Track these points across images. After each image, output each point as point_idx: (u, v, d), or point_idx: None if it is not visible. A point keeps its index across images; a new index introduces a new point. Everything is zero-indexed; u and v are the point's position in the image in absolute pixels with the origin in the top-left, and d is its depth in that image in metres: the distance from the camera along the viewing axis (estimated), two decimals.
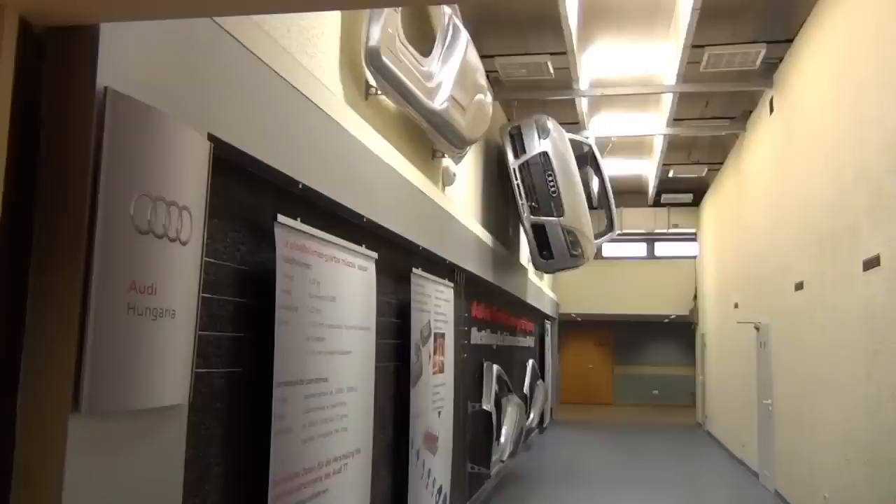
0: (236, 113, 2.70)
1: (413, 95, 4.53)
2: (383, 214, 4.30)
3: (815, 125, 7.06)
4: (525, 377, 11.52)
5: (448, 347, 5.95)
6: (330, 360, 3.50)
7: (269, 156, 2.92)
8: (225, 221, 2.82)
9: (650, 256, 18.87)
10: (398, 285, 4.99)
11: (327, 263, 3.52)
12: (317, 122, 3.40)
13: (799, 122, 7.66)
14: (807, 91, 7.33)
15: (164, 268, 2.15)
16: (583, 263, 8.95)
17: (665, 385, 21.60)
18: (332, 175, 3.56)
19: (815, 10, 7.01)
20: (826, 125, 6.72)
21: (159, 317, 2.13)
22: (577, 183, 8.67)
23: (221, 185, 2.75)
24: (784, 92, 8.18)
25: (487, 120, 6.35)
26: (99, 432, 1.99)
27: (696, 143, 11.88)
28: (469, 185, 7.69)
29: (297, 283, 3.16)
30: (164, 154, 2.18)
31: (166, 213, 2.15)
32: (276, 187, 3.18)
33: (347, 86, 4.09)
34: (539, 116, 8.49)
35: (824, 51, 6.76)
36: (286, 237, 3.11)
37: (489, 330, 8.56)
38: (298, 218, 3.26)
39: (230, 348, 2.82)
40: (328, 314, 3.49)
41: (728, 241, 12.40)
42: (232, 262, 2.86)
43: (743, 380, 10.82)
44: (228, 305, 2.82)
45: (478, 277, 7.42)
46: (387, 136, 4.60)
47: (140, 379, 2.08)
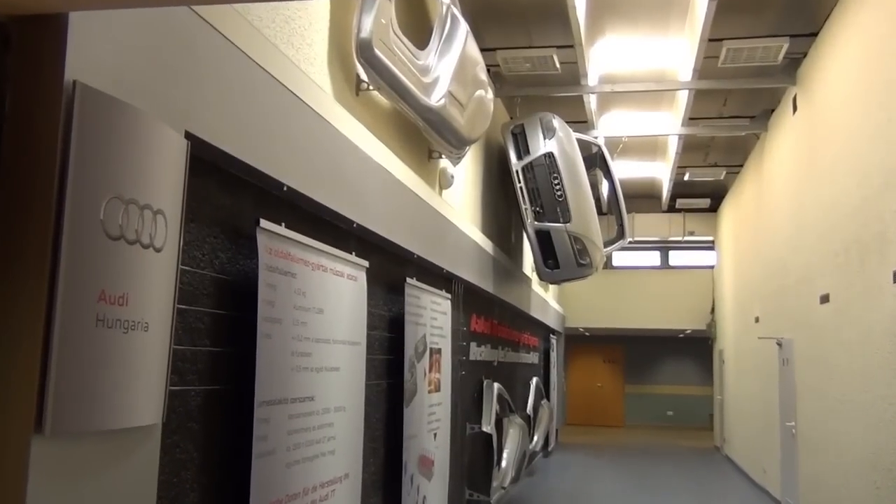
0: (216, 109, 2.70)
1: (408, 91, 4.54)
2: (375, 219, 4.30)
3: (842, 125, 7.09)
4: (528, 396, 11.50)
5: (445, 364, 5.94)
6: (316, 378, 3.49)
7: (252, 155, 2.92)
8: (203, 226, 2.82)
9: (664, 266, 18.89)
10: (391, 296, 4.98)
11: (314, 272, 3.52)
12: (303, 119, 3.40)
13: (824, 121, 7.69)
14: (833, 88, 7.36)
15: (137, 276, 2.15)
16: (591, 273, 8.95)
17: (680, 406, 21.58)
18: (319, 177, 3.56)
19: (841, 2, 7.04)
20: (853, 125, 6.75)
21: (131, 329, 2.12)
22: (585, 186, 8.68)
23: (199, 186, 2.75)
24: (808, 89, 8.21)
25: (488, 118, 6.36)
26: (64, 456, 1.98)
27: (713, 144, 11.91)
28: (468, 188, 7.70)
29: (280, 294, 3.16)
30: (138, 153, 2.18)
31: (139, 218, 2.15)
32: (258, 190, 3.18)
33: (337, 80, 4.10)
34: (544, 115, 8.51)
35: (852, 45, 6.79)
36: (269, 244, 3.10)
37: (489, 345, 8.56)
38: (283, 223, 3.26)
39: (208, 364, 2.81)
40: (315, 327, 3.48)
41: (748, 249, 12.42)
42: (210, 270, 2.86)
43: (764, 400, 10.82)
44: (206, 318, 2.81)
45: (477, 288, 7.42)
46: (379, 134, 4.60)
47: (109, 397, 2.07)
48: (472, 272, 7.06)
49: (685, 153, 11.58)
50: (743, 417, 13.06)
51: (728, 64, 8.11)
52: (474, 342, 7.75)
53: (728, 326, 14.90)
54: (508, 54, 8.05)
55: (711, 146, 12.04)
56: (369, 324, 4.35)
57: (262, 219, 3.07)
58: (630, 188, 13.71)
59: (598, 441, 17.83)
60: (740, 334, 13.24)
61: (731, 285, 14.48)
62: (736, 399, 13.94)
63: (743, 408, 13.03)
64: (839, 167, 7.15)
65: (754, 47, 7.78)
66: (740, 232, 13.30)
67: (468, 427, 7.28)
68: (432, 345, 5.57)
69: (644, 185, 14.72)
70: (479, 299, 7.87)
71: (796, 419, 8.77)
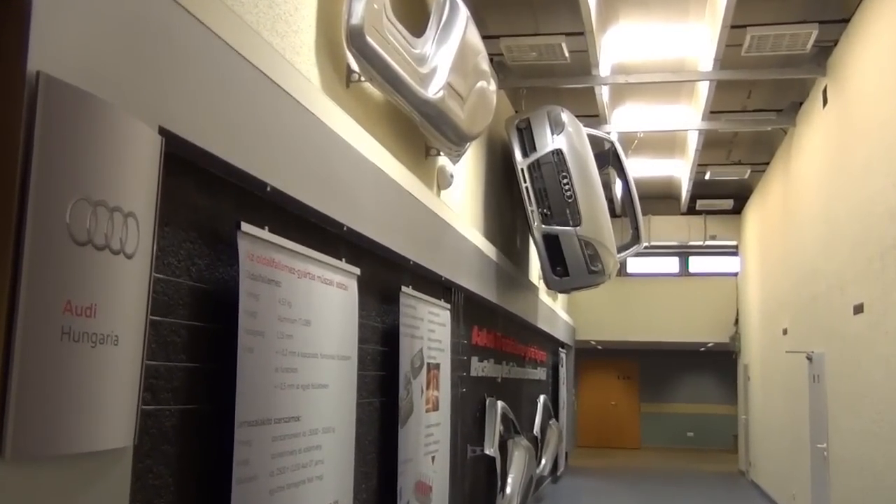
0: (193, 103, 2.70)
1: (403, 82, 4.55)
2: (367, 223, 4.30)
3: (877, 119, 7.10)
4: (535, 416, 11.49)
5: (444, 380, 5.94)
6: (303, 396, 3.49)
7: (232, 153, 2.93)
8: (178, 230, 2.82)
9: (683, 273, 18.90)
10: (385, 306, 4.98)
11: (300, 280, 3.52)
12: (289, 113, 3.40)
13: (857, 115, 7.70)
14: (866, 79, 7.37)
15: (106, 285, 2.15)
16: (603, 281, 8.96)
17: (701, 426, 21.56)
18: (306, 176, 3.57)
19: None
20: (889, 118, 6.76)
21: (99, 343, 2.12)
22: (597, 186, 8.69)
23: (175, 187, 2.75)
24: (839, 80, 8.23)
25: (491, 111, 6.37)
26: (26, 482, 1.97)
27: (736, 139, 11.92)
28: (469, 188, 7.71)
29: (264, 304, 3.16)
30: (107, 151, 2.18)
31: (109, 221, 2.15)
32: (239, 190, 3.18)
33: (325, 71, 4.10)
34: (552, 108, 8.52)
35: (887, 32, 6.80)
36: (251, 249, 3.11)
37: (493, 360, 8.55)
38: (266, 226, 3.27)
39: (184, 381, 2.81)
40: (301, 341, 3.48)
41: (775, 255, 12.43)
42: (187, 278, 2.86)
43: (793, 419, 10.81)
44: (182, 330, 2.81)
45: (479, 297, 7.42)
46: (372, 130, 4.61)
47: (76, 418, 2.07)
48: (474, 280, 7.06)
49: (706, 150, 11.59)
50: (770, 439, 13.05)
51: (752, 53, 8.13)
52: (476, 357, 7.75)
53: (753, 339, 14.89)
54: (513, 42, 8.06)
55: (735, 142, 12.05)
56: (361, 337, 4.35)
57: (243, 222, 3.07)
58: (646, 188, 13.72)
59: (611, 465, 17.81)
60: (767, 348, 13.23)
61: (756, 294, 14.48)
62: (762, 419, 13.93)
63: (770, 428, 13.01)
64: (874, 165, 7.15)
65: (781, 34, 7.80)
66: (766, 236, 13.30)
67: (469, 450, 7.27)
68: (430, 359, 5.56)
69: (661, 184, 14.73)
70: (481, 310, 7.87)
71: (828, 440, 8.76)
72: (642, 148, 11.90)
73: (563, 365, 15.23)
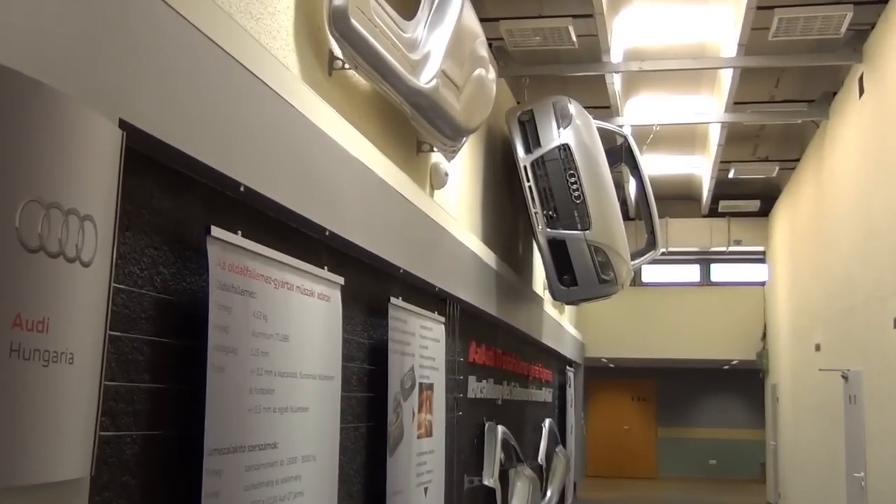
0: (157, 93, 2.71)
1: (391, 70, 4.56)
2: (352, 226, 4.31)
3: None
4: (540, 442, 11.48)
5: (438, 403, 5.94)
6: (280, 420, 3.48)
7: (201, 149, 2.93)
8: (141, 236, 2.82)
9: (705, 282, 18.92)
10: (371, 320, 4.98)
11: (277, 291, 3.51)
12: (265, 104, 3.41)
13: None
14: None
15: (60, 297, 2.14)
16: (615, 292, 8.96)
17: (725, 453, 21.57)
18: (284, 174, 3.57)
19: None
20: None
21: (52, 362, 2.11)
22: (609, 186, 8.70)
23: (137, 187, 2.75)
24: (877, 67, 8.26)
25: (490, 102, 6.38)
26: None
27: (763, 133, 11.96)
28: (466, 188, 7.71)
29: (236, 318, 3.15)
30: (62, 147, 2.18)
31: (63, 225, 2.15)
32: (209, 191, 3.18)
33: (305, 58, 4.10)
34: (558, 99, 8.54)
35: None
36: (223, 256, 3.10)
37: (492, 379, 8.55)
38: (239, 231, 3.27)
39: (147, 404, 2.80)
40: (278, 358, 3.48)
41: (807, 261, 12.46)
42: (150, 289, 2.86)
43: (827, 446, 10.82)
44: (145, 347, 2.81)
45: (477, 310, 7.42)
46: (358, 123, 4.62)
47: (26, 445, 2.06)
48: (471, 290, 7.07)
49: (730, 145, 11.62)
50: (802, 467, 13.05)
51: (780, 37, 8.15)
52: (474, 376, 7.75)
53: (783, 356, 14.91)
54: (514, 25, 8.08)
55: (761, 137, 12.08)
56: (345, 354, 4.35)
57: (213, 226, 3.07)
58: (663, 187, 13.74)
59: (624, 497, 17.79)
60: (798, 366, 13.25)
61: (786, 306, 14.51)
62: (793, 445, 13.93)
63: (802, 455, 13.02)
64: None
65: (812, 17, 7.83)
66: (797, 240, 13.33)
67: (466, 480, 7.26)
68: (422, 379, 5.56)
69: (680, 183, 14.75)
70: (479, 324, 7.87)
71: (866, 469, 8.76)
72: (659, 143, 11.93)
73: (571, 385, 15.23)
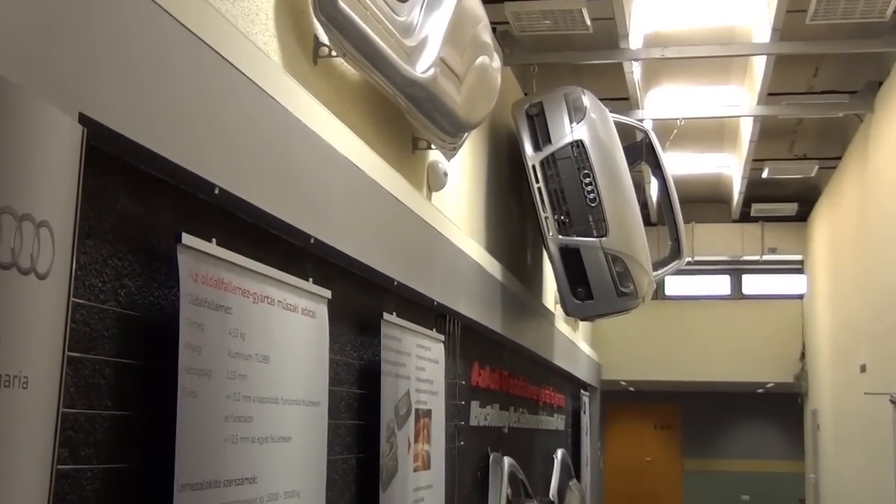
0: (122, 84, 2.71)
1: (384, 58, 4.56)
2: (340, 233, 4.31)
3: None
4: (552, 475, 11.46)
5: (436, 431, 5.93)
6: (260, 451, 3.47)
7: (171, 146, 2.93)
8: (104, 244, 2.82)
9: (736, 295, 18.91)
10: (362, 339, 4.98)
11: (256, 306, 3.51)
12: (242, 97, 3.41)
13: None
14: None
15: (12, 314, 2.14)
16: (635, 306, 8.96)
17: (760, 487, 21.52)
18: (264, 175, 3.57)
19: None
20: None
21: (3, 386, 2.11)
22: (627, 187, 8.71)
23: (99, 190, 2.75)
24: None
25: (494, 94, 6.38)
26: None
27: (801, 128, 11.97)
28: (467, 189, 7.72)
29: (210, 336, 3.15)
30: (14, 144, 2.18)
31: (16, 232, 2.14)
32: (180, 193, 3.18)
33: (288, 44, 4.11)
34: (570, 90, 8.55)
35: None
36: (195, 267, 3.10)
37: (498, 405, 8.54)
38: (214, 239, 3.26)
39: (111, 433, 2.79)
40: (257, 382, 3.47)
41: (850, 272, 12.45)
42: (114, 304, 2.85)
43: (874, 478, 10.80)
44: (108, 370, 2.80)
45: (480, 327, 7.42)
46: (346, 117, 4.62)
47: None
48: (474, 305, 7.06)
49: (763, 141, 11.64)
50: (846, 503, 13.02)
51: (819, 20, 8.16)
52: (477, 401, 7.74)
53: (824, 378, 14.89)
54: (521, 8, 8.10)
55: (798, 132, 12.10)
56: (332, 377, 4.34)
57: (184, 233, 3.06)
58: (689, 189, 13.74)
59: None
60: (841, 389, 13.23)
61: (827, 321, 14.50)
62: (836, 478, 13.91)
63: (846, 490, 13.00)
64: None
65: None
66: (839, 248, 13.33)
67: None
68: (419, 405, 5.56)
69: (708, 184, 14.76)
70: (482, 342, 7.87)
71: None
72: (683, 139, 11.94)
73: (586, 411, 15.20)
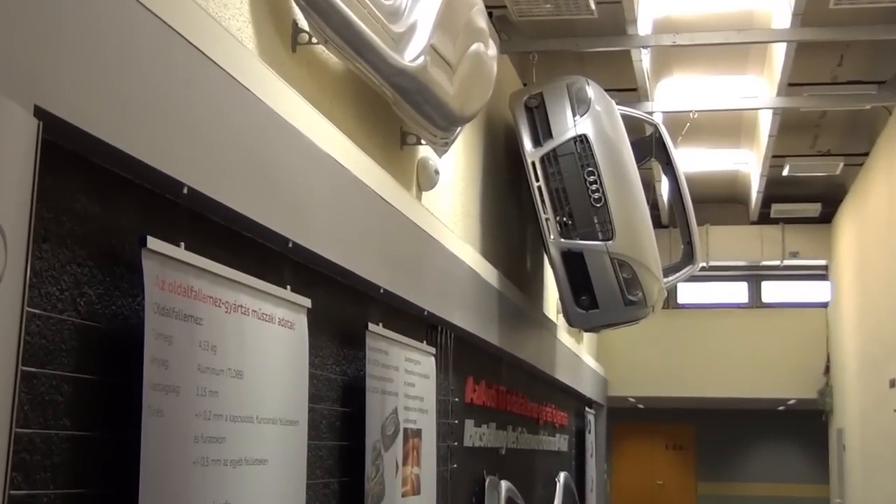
0: (82, 75, 2.70)
1: (369, 45, 4.56)
2: (321, 237, 4.30)
3: None
4: (554, 501, 11.45)
5: (427, 453, 5.92)
6: (233, 475, 3.46)
7: (136, 142, 2.92)
8: (62, 248, 2.81)
9: (754, 304, 18.90)
10: (345, 351, 4.97)
11: (229, 316, 3.50)
12: (214, 88, 3.40)
13: None
14: None
15: None
16: (645, 316, 8.96)
17: None
18: (237, 173, 3.56)
19: None
20: None
21: None
22: (636, 186, 8.71)
23: (56, 189, 2.74)
24: None
25: (490, 84, 6.38)
26: None
27: (825, 122, 11.98)
28: (461, 189, 7.71)
29: (178, 349, 3.14)
30: None
31: None
32: (145, 193, 3.18)
33: (264, 30, 4.10)
34: (574, 80, 8.55)
35: None
36: (162, 273, 3.09)
37: (494, 424, 8.54)
38: (182, 242, 3.26)
39: (69, 456, 2.79)
40: (230, 399, 3.46)
41: (879, 278, 12.47)
42: (73, 314, 2.85)
43: None
44: (66, 386, 2.79)
45: (475, 339, 7.41)
46: (328, 110, 4.62)
47: None
48: (468, 314, 7.06)
49: (783, 136, 11.65)
50: None
51: (844, 4, 8.18)
52: (471, 420, 7.73)
53: (851, 394, 14.90)
54: None
55: (822, 126, 12.11)
56: (313, 393, 4.34)
57: (150, 236, 3.06)
58: (703, 188, 13.75)
59: None
60: (869, 406, 13.25)
61: (854, 332, 14.51)
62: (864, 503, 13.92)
63: None
64: None
65: None
66: (867, 252, 13.35)
67: None
68: (408, 424, 5.55)
69: (723, 182, 14.77)
70: (477, 355, 7.86)
71: None
72: (697, 134, 11.95)
73: (592, 430, 15.20)
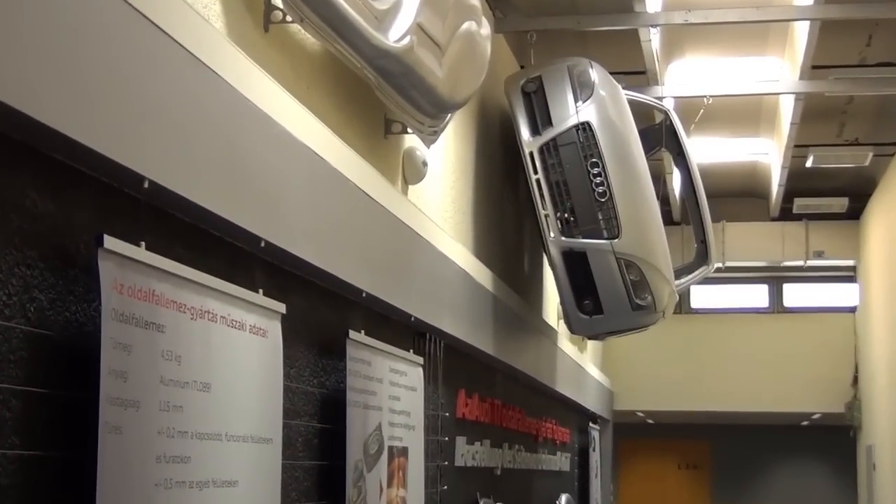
0: (29, 56, 2.70)
1: (349, 24, 4.56)
2: (297, 235, 4.31)
3: None
4: None
5: (414, 473, 5.93)
6: (199, 499, 3.47)
7: (91, 131, 2.92)
8: (9, 249, 2.81)
9: (776, 308, 18.92)
10: (324, 361, 4.98)
11: (195, 323, 3.50)
12: (178, 71, 3.40)
13: None
14: None
15: None
16: (654, 322, 8.97)
17: None
18: (203, 165, 3.56)
19: None
20: None
21: None
22: (644, 179, 8.72)
23: (3, 183, 2.74)
24: None
25: (483, 67, 6.39)
26: None
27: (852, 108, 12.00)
28: (451, 182, 7.72)
29: (138, 359, 3.14)
30: None
31: None
32: (101, 188, 3.18)
33: (233, 8, 4.10)
34: (576, 62, 8.56)
35: None
36: (120, 276, 3.09)
37: (489, 441, 8.55)
38: (143, 242, 3.25)
39: (17, 478, 2.79)
40: (196, 415, 3.46)
41: None
42: (22, 321, 2.85)
43: None
44: (14, 401, 2.79)
45: (467, 347, 7.42)
46: (304, 96, 4.62)
47: None
48: (459, 321, 7.06)
49: (806, 124, 11.66)
50: None
51: None
52: (463, 437, 7.74)
53: (881, 407, 14.94)
54: None
55: (849, 112, 12.13)
56: (288, 408, 4.34)
57: (106, 235, 3.05)
58: (718, 181, 13.77)
59: None
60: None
61: (885, 340, 14.54)
62: None
63: None
64: None
65: None
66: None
67: None
68: (393, 442, 5.56)
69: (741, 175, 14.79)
70: (470, 366, 7.86)
71: None
72: (711, 121, 11.95)
73: (596, 448, 15.22)
